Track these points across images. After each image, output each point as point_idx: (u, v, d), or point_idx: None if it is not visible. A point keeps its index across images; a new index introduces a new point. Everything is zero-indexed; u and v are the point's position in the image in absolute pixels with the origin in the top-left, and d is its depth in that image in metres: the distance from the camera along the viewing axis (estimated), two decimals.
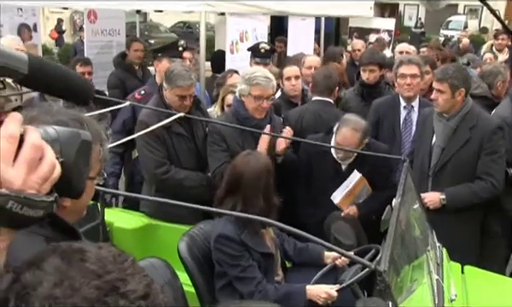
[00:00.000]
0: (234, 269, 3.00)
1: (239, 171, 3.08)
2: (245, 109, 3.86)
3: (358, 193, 3.98)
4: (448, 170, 3.94)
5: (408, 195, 3.12)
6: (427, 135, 4.07)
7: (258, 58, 5.62)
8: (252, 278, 2.98)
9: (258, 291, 2.95)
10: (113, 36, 7.92)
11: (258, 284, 2.97)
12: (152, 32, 23.00)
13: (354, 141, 3.79)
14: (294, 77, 4.94)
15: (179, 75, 3.84)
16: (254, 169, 3.05)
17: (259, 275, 3.00)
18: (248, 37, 6.52)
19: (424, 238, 3.27)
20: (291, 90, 4.96)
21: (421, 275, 2.81)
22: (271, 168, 3.13)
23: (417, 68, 4.48)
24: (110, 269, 0.86)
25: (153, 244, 3.87)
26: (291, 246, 3.45)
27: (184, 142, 3.96)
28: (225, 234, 3.01)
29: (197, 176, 3.99)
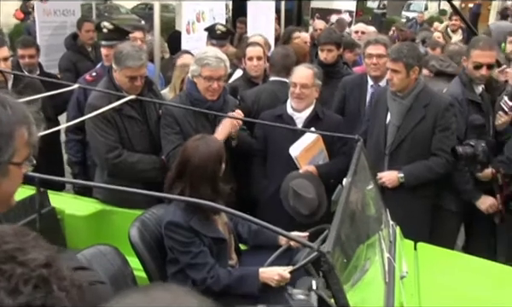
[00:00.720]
0: (185, 256, 2.95)
1: (187, 156, 3.03)
2: (197, 91, 3.79)
3: (316, 154, 3.99)
4: (404, 148, 3.96)
5: (361, 174, 3.13)
6: (380, 114, 4.07)
7: (214, 40, 5.56)
8: (203, 264, 2.94)
9: (211, 277, 2.92)
10: (68, 16, 7.67)
11: (211, 270, 2.93)
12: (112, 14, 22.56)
13: (307, 74, 3.98)
14: (256, 57, 4.89)
15: (129, 55, 3.73)
16: (202, 155, 3.00)
17: (211, 261, 2.96)
18: (205, 18, 6.44)
19: (378, 217, 3.27)
20: (252, 71, 4.92)
21: (373, 254, 2.81)
22: (222, 155, 3.07)
23: (384, 48, 4.52)
24: (8, 240, 0.88)
25: (106, 230, 3.79)
26: (245, 230, 3.42)
27: (137, 125, 3.87)
28: (174, 220, 2.96)
29: (150, 158, 3.91)
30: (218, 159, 3.04)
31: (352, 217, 2.65)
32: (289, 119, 4.00)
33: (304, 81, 3.94)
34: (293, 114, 4.02)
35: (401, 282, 2.76)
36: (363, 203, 3.11)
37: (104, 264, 2.74)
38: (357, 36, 7.19)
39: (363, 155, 3.19)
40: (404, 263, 2.94)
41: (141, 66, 3.76)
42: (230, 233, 3.27)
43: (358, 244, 2.71)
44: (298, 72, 4.01)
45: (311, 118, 4.02)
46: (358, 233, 2.76)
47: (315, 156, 3.98)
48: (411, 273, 2.96)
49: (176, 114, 3.78)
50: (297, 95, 3.98)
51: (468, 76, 4.15)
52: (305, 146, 3.90)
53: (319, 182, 3.73)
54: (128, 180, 3.73)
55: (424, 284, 2.97)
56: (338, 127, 4.06)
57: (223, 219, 3.22)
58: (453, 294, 2.99)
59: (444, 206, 4.16)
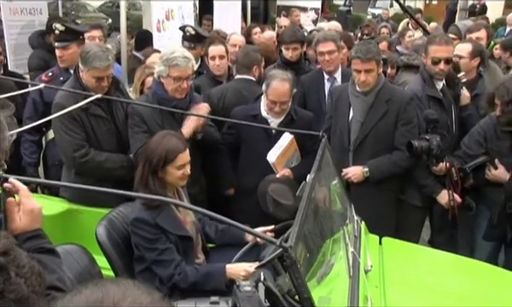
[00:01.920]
0: (151, 253, 2.95)
1: (146, 151, 3.07)
2: (164, 90, 3.78)
3: (291, 156, 4.00)
4: (368, 143, 4.00)
5: (325, 171, 3.17)
6: (343, 111, 4.10)
7: (185, 41, 5.56)
8: (170, 261, 2.93)
9: (178, 273, 2.92)
10: (35, 15, 7.52)
11: (177, 266, 2.93)
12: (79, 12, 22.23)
13: (285, 90, 3.88)
14: (219, 56, 4.89)
15: (95, 56, 3.70)
16: (151, 148, 3.05)
17: (178, 258, 2.96)
18: (174, 16, 6.40)
19: (342, 212, 3.31)
20: (215, 70, 4.92)
21: (338, 249, 2.85)
22: (174, 149, 3.04)
23: (333, 44, 4.63)
24: None
25: (74, 230, 3.75)
26: (212, 229, 3.42)
27: (104, 124, 3.84)
28: (140, 217, 2.96)
29: (118, 157, 3.89)
30: (164, 153, 3.01)
31: (316, 212, 2.68)
32: (264, 122, 3.98)
33: (283, 99, 3.89)
34: (268, 117, 4.01)
35: (366, 276, 2.79)
36: (328, 199, 3.15)
37: (71, 264, 2.71)
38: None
39: (327, 151, 3.22)
40: (368, 258, 2.98)
41: (107, 66, 3.73)
42: (198, 232, 3.27)
43: (323, 239, 2.76)
44: (276, 89, 3.87)
45: (286, 121, 4.01)
46: (323, 228, 2.80)
47: (290, 158, 4.01)
48: (376, 267, 2.99)
49: (143, 113, 3.76)
50: (277, 113, 3.96)
51: (427, 72, 4.21)
52: (281, 150, 3.91)
53: (296, 186, 3.74)
54: (96, 178, 3.71)
55: (389, 277, 3.00)
56: (310, 125, 4.07)
57: (191, 218, 3.21)
58: (417, 286, 3.04)
59: (407, 201, 4.21)
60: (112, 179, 3.77)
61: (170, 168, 3.03)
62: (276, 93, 3.87)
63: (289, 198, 3.55)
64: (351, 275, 2.65)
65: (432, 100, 4.15)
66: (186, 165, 3.07)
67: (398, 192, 4.20)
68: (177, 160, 3.02)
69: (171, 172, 3.04)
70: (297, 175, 3.89)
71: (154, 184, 3.00)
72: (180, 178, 3.07)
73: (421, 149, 3.84)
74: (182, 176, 3.07)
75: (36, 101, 4.48)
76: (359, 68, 3.89)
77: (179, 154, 3.03)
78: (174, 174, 3.04)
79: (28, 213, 1.83)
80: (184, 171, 3.06)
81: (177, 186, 3.13)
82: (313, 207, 2.60)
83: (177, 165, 3.03)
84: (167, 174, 3.04)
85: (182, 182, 3.11)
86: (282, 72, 4.00)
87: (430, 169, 4.01)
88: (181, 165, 3.04)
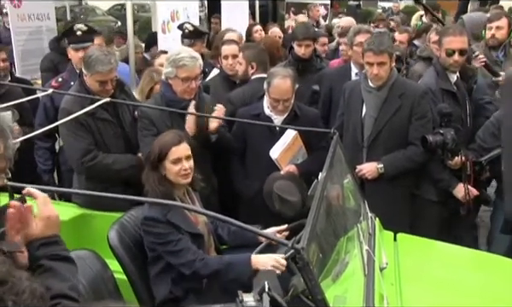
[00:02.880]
0: (166, 246, 2.93)
1: (155, 150, 3.08)
2: (173, 92, 3.78)
3: (296, 152, 3.99)
4: (382, 139, 3.99)
5: (337, 168, 3.15)
6: (356, 107, 4.08)
7: (184, 38, 5.57)
8: (187, 249, 2.92)
9: (199, 259, 2.89)
10: (42, 21, 7.60)
11: (196, 252, 2.91)
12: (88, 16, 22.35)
13: (287, 87, 3.85)
14: (232, 55, 4.88)
15: (98, 60, 3.70)
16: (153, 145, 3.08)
17: (194, 246, 2.94)
18: (179, 17, 6.43)
19: (356, 210, 3.28)
20: (228, 69, 4.92)
21: (352, 247, 2.82)
22: (169, 145, 3.05)
23: (370, 36, 4.44)
24: None
25: (86, 235, 3.76)
26: (225, 231, 3.40)
27: (111, 128, 3.85)
28: (150, 215, 2.96)
29: (125, 157, 3.89)
30: (158, 148, 3.04)
31: (329, 211, 2.66)
32: (267, 120, 3.97)
33: (285, 96, 3.87)
34: (272, 115, 3.99)
35: (381, 274, 2.77)
36: (341, 196, 3.12)
37: (83, 269, 2.70)
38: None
39: (339, 148, 3.20)
40: (383, 255, 2.96)
41: (110, 70, 3.73)
42: (210, 233, 3.26)
43: (337, 238, 2.73)
44: (277, 87, 3.85)
45: (290, 118, 3.99)
46: (336, 227, 2.78)
47: (295, 155, 3.98)
48: (391, 264, 2.97)
49: (152, 116, 3.76)
50: (280, 111, 3.94)
51: (441, 65, 4.17)
52: (285, 146, 3.90)
53: (301, 182, 3.73)
54: (106, 182, 3.73)
55: (405, 274, 2.97)
56: (315, 121, 4.06)
57: (203, 218, 3.20)
58: (433, 282, 3.00)
59: (422, 196, 4.18)
60: (122, 180, 3.79)
61: (166, 164, 3.03)
62: (278, 91, 3.86)
63: (295, 194, 3.53)
64: (366, 273, 2.63)
65: (445, 93, 4.12)
66: (183, 160, 3.04)
67: (412, 187, 4.17)
68: (170, 154, 3.02)
69: (169, 168, 3.04)
70: (303, 171, 3.90)
71: (154, 182, 3.01)
72: (178, 174, 3.04)
73: (436, 144, 3.81)
74: (179, 172, 3.04)
75: (47, 106, 4.51)
76: (372, 61, 3.86)
77: (172, 147, 3.02)
78: (171, 170, 3.03)
79: (44, 220, 1.85)
80: (182, 167, 3.03)
81: (180, 183, 3.09)
82: (326, 206, 2.57)
83: (171, 159, 3.02)
84: (166, 171, 3.05)
85: (182, 179, 3.06)
86: (283, 69, 4.00)
87: (445, 163, 3.98)
88: (176, 158, 3.02)
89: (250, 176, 4.10)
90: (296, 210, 3.48)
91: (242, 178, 4.14)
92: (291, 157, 3.96)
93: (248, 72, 4.66)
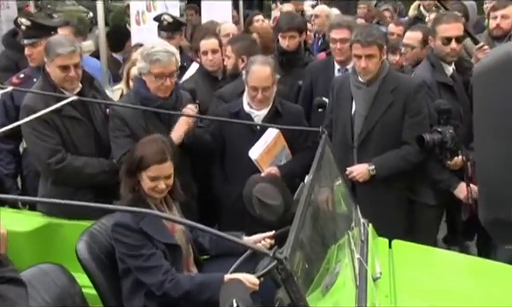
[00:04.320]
0: (136, 260, 2.92)
1: (135, 157, 3.04)
2: (147, 89, 3.76)
3: (278, 153, 3.99)
4: (373, 138, 3.98)
5: (326, 170, 3.15)
6: (344, 104, 4.07)
7: (162, 31, 5.54)
8: (158, 267, 2.89)
9: (169, 280, 2.87)
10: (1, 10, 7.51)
11: (167, 272, 2.89)
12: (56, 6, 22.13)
13: (266, 74, 3.88)
14: (211, 51, 4.88)
15: (58, 42, 3.70)
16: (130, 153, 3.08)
17: (166, 263, 2.93)
18: (156, 6, 6.34)
19: (347, 215, 3.28)
20: (208, 65, 4.91)
21: (343, 256, 2.81)
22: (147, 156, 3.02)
23: (347, 31, 4.47)
24: None
25: (53, 247, 3.74)
26: (206, 239, 3.40)
27: (80, 126, 3.82)
28: (122, 222, 2.94)
29: (98, 161, 3.87)
30: (139, 157, 3.01)
31: (317, 216, 2.67)
32: (247, 118, 3.96)
33: (265, 84, 3.89)
34: (252, 112, 3.99)
35: (374, 284, 2.77)
36: (330, 201, 3.13)
37: (47, 284, 2.70)
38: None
39: (328, 149, 3.20)
40: (377, 264, 2.94)
41: (72, 52, 3.70)
42: (188, 242, 3.25)
43: (325, 246, 2.74)
44: (256, 73, 3.88)
45: (271, 115, 3.99)
46: (325, 234, 2.79)
47: (277, 155, 3.98)
48: (386, 273, 2.97)
49: (124, 115, 3.74)
50: (259, 101, 3.94)
51: (436, 56, 4.19)
52: (266, 146, 3.89)
53: (283, 185, 3.72)
54: (75, 187, 3.72)
55: (400, 284, 2.97)
56: (299, 119, 4.08)
57: (180, 226, 3.19)
58: (432, 293, 3.00)
59: (419, 200, 4.20)
60: (93, 186, 3.77)
61: (143, 175, 3.02)
62: (257, 77, 3.87)
63: (276, 197, 3.51)
64: (357, 284, 2.62)
65: (442, 87, 4.13)
66: (161, 179, 3.02)
67: (408, 190, 4.17)
68: (149, 170, 3.00)
69: (144, 180, 3.03)
70: (286, 173, 3.90)
71: (128, 187, 3.01)
72: (152, 190, 3.03)
73: (434, 143, 3.81)
74: (154, 189, 3.03)
75: (7, 105, 4.46)
76: (359, 53, 3.85)
77: (153, 165, 3.00)
78: (146, 184, 3.02)
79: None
80: (158, 185, 3.02)
81: (151, 196, 3.08)
82: (313, 211, 2.57)
83: (149, 174, 3.00)
84: (142, 180, 3.04)
85: (155, 194, 3.06)
86: (263, 57, 4.03)
87: (444, 164, 3.99)
88: (153, 176, 3.01)
89: (230, 179, 4.10)
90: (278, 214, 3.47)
91: (222, 182, 4.14)
92: (273, 158, 3.96)
93: (238, 66, 4.65)
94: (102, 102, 3.90)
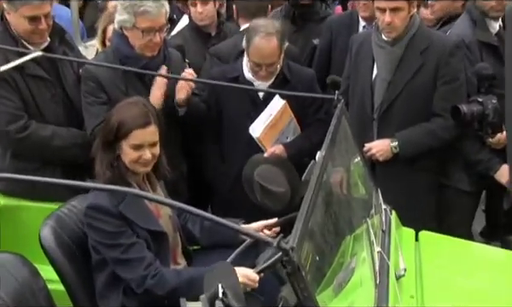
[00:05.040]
0: (112, 250, 2.88)
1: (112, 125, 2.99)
2: (129, 46, 3.73)
3: (284, 128, 3.98)
4: (397, 108, 3.96)
5: (342, 146, 3.14)
6: (364, 67, 4.06)
7: None
8: (139, 259, 2.86)
9: (152, 275, 2.84)
10: None
11: (149, 266, 2.86)
12: None
13: (271, 49, 3.81)
14: (201, 2, 4.82)
15: None
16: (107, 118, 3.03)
17: (149, 255, 2.90)
18: None
19: (366, 200, 3.29)
20: (198, 19, 4.87)
21: (361, 249, 2.82)
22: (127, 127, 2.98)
23: None
24: None
25: (13, 233, 3.78)
26: (197, 227, 3.38)
27: (47, 89, 3.79)
28: (97, 204, 2.89)
29: (68, 132, 3.86)
30: (116, 124, 2.95)
31: (329, 201, 2.64)
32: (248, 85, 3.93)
33: (269, 60, 3.84)
34: (254, 80, 3.95)
35: (398, 283, 2.75)
36: (346, 183, 3.11)
37: (4, 278, 2.66)
38: None
39: (344, 120, 3.17)
40: (401, 259, 2.94)
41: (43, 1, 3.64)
42: (176, 230, 3.23)
43: (340, 236, 2.72)
44: (258, 48, 3.81)
45: (277, 83, 3.95)
46: (339, 222, 2.76)
47: (283, 130, 3.97)
48: (411, 270, 2.95)
49: (100, 78, 3.71)
50: (262, 77, 3.92)
51: (479, 9, 4.13)
52: (269, 121, 3.87)
53: (291, 167, 3.69)
54: (40, 161, 3.73)
55: (428, 283, 2.96)
56: (311, 85, 4.06)
57: (166, 211, 3.17)
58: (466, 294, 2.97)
59: (452, 185, 4.18)
60: (62, 161, 3.77)
61: (124, 145, 2.96)
62: (260, 53, 3.81)
63: (281, 183, 3.49)
64: (377, 282, 2.60)
65: (484, 48, 4.09)
66: (145, 147, 2.97)
67: (438, 173, 4.17)
68: (131, 137, 2.94)
69: (125, 151, 2.97)
70: (293, 152, 3.91)
71: (105, 162, 2.96)
72: (135, 162, 2.98)
73: (472, 116, 3.79)
74: (137, 161, 2.98)
75: None
76: (383, 6, 3.81)
77: (135, 130, 2.94)
78: (128, 155, 2.97)
79: None
80: (143, 155, 2.97)
81: (135, 171, 3.04)
82: (325, 194, 2.55)
83: (131, 142, 2.95)
84: (122, 153, 2.99)
85: (139, 167, 3.02)
86: (268, 23, 3.90)
87: (484, 141, 3.97)
88: (137, 144, 2.96)
89: (227, 158, 4.10)
90: (283, 203, 3.45)
91: (217, 162, 4.13)
92: (278, 134, 3.94)
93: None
94: (74, 60, 3.87)
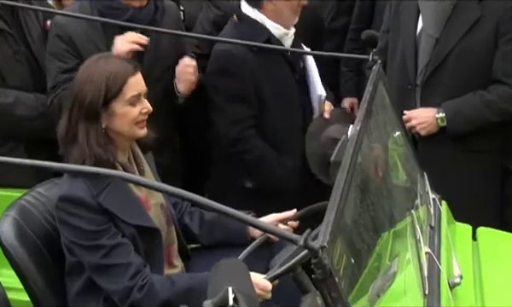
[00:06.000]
0: (91, 254, 2.86)
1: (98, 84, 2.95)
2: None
3: None
4: (446, 72, 3.96)
5: (380, 118, 3.15)
6: (406, 20, 4.09)
7: None
8: (124, 266, 2.85)
9: (139, 287, 2.83)
10: None
11: (137, 274, 2.84)
12: None
13: None
14: None
15: None
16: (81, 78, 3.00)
17: (137, 260, 2.89)
18: None
19: (410, 187, 3.29)
20: None
21: (404, 249, 2.80)
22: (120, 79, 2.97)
23: None
24: None
25: None
26: (195, 220, 3.41)
27: (7, 44, 3.87)
28: (71, 194, 2.86)
29: (36, 98, 3.92)
30: (104, 81, 2.92)
31: (365, 188, 2.64)
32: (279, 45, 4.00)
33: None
34: (283, 37, 3.98)
35: (451, 293, 2.74)
36: (385, 164, 3.12)
37: None
38: None
39: (382, 86, 3.18)
40: (455, 262, 2.92)
41: None
42: (171, 224, 3.23)
43: (377, 233, 2.73)
44: None
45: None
46: (377, 215, 2.75)
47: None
48: (468, 277, 2.94)
49: (72, 34, 3.73)
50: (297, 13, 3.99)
51: None
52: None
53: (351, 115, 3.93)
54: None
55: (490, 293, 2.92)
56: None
57: (158, 200, 3.18)
58: None
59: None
60: (27, 135, 3.84)
61: (117, 106, 2.94)
62: None
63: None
64: (426, 292, 2.57)
65: None
66: (142, 96, 3.00)
67: (500, 155, 4.16)
68: (126, 90, 2.94)
69: (120, 113, 2.95)
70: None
71: (90, 138, 2.91)
72: (136, 121, 2.99)
73: None
74: (140, 117, 3.00)
75: None
76: None
77: (129, 78, 2.96)
78: (128, 114, 2.96)
79: None
80: (143, 107, 2.99)
81: (134, 136, 3.06)
82: (360, 180, 2.55)
83: (128, 96, 2.94)
84: (115, 119, 2.96)
85: (138, 129, 3.02)
86: None
87: None
88: (135, 96, 2.96)
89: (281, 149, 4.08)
90: None
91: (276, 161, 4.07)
92: None
93: None
94: (40, 10, 3.92)
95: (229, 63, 3.87)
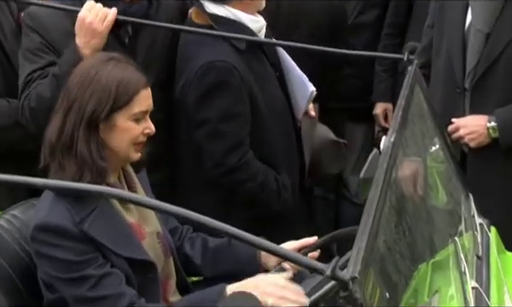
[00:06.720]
0: (76, 287, 2.85)
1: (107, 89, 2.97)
2: None
3: None
4: (499, 73, 4.01)
5: (416, 128, 3.15)
6: (454, 14, 4.11)
7: None
8: (115, 297, 2.84)
9: None
10: None
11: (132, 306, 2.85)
12: None
13: None
14: None
15: None
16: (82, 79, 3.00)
17: (130, 291, 2.88)
18: None
19: (452, 209, 3.30)
20: None
21: (446, 282, 2.80)
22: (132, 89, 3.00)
23: None
24: None
25: None
26: (197, 249, 3.43)
27: None
28: (49, 222, 2.86)
29: (9, 106, 3.97)
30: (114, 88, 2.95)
31: (401, 210, 2.65)
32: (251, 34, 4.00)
33: None
34: (260, 30, 4.07)
35: None
36: (423, 182, 3.13)
37: None
38: None
39: (419, 91, 3.18)
40: (507, 298, 2.92)
41: None
42: (168, 254, 3.25)
43: (415, 263, 2.74)
44: None
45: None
46: (414, 241, 2.78)
47: None
48: None
49: (51, 29, 3.76)
50: None
51: None
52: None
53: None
54: None
55: None
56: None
57: (153, 227, 3.19)
58: None
59: None
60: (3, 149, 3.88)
61: (122, 119, 2.97)
62: None
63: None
64: None
65: None
66: (148, 115, 3.04)
67: None
68: (135, 102, 2.97)
69: (125, 128, 2.99)
70: None
71: (92, 152, 2.93)
72: (136, 141, 3.02)
73: None
74: (141, 137, 3.03)
75: None
76: None
77: (141, 90, 2.99)
78: (130, 131, 3.00)
79: None
80: (147, 127, 3.02)
81: (127, 158, 3.08)
82: (395, 200, 2.56)
83: (135, 110, 2.97)
84: (114, 133, 2.99)
85: (136, 151, 3.06)
86: None
87: None
88: (142, 111, 3.00)
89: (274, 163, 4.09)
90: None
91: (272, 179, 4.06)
92: None
93: None
94: (14, 0, 3.99)
95: (218, 77, 3.87)
